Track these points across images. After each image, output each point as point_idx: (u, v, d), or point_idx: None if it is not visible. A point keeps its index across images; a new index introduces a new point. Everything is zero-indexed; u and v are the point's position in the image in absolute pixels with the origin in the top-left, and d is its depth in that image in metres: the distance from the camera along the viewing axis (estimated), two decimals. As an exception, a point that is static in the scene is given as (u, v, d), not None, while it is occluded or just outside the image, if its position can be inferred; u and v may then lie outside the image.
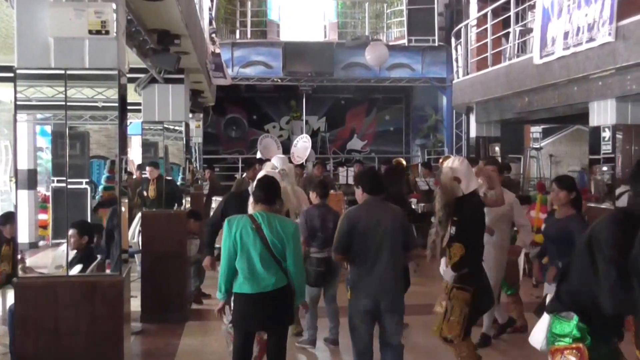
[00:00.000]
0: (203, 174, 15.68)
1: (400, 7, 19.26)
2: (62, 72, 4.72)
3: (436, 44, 18.28)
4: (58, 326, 4.76)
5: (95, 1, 4.68)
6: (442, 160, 6.81)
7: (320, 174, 12.72)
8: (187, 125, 8.88)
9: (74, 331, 4.77)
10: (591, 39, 8.98)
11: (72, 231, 5.10)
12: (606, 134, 9.94)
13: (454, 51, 16.45)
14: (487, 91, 13.40)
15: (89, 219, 5.20)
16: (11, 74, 4.73)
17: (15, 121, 5.04)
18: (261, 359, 5.61)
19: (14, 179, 14.11)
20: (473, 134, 15.60)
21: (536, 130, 20.03)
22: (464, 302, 5.86)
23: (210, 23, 12.35)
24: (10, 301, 6.65)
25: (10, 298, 6.99)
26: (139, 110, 8.84)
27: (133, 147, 15.41)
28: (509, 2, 12.57)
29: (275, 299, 4.98)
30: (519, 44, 13.31)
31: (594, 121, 10.30)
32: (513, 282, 7.87)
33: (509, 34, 13.38)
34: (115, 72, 4.77)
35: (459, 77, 15.65)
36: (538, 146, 19.61)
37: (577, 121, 16.49)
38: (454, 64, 16.47)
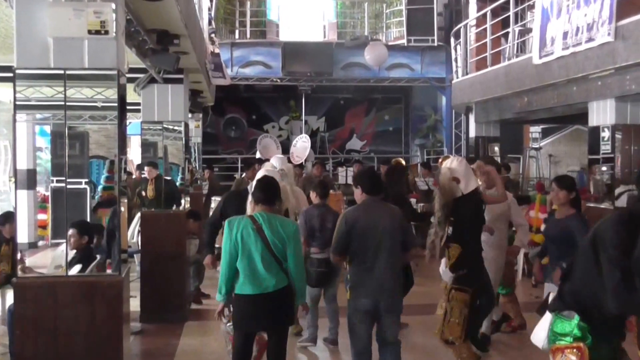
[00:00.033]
0: (202, 174, 15.67)
1: (399, 7, 19.26)
2: (62, 72, 4.71)
3: (435, 44, 18.28)
4: (57, 326, 4.75)
5: (95, 1, 4.68)
6: (441, 160, 6.83)
7: (320, 174, 12.71)
8: (186, 125, 8.88)
9: (74, 331, 4.77)
10: (590, 39, 8.99)
11: (72, 231, 5.09)
12: (605, 134, 9.94)
13: (453, 51, 16.47)
14: (486, 91, 13.40)
15: (88, 218, 5.17)
16: (10, 74, 4.72)
17: (15, 121, 5.03)
18: (260, 358, 5.61)
19: (13, 179, 14.11)
20: (472, 134, 15.62)
21: (535, 130, 20.04)
22: (463, 303, 5.86)
23: (210, 23, 12.35)
24: (9, 301, 6.65)
25: (9, 298, 6.99)
26: (138, 110, 8.84)
27: (132, 147, 15.41)
28: (508, 2, 12.57)
29: (276, 299, 4.97)
30: (518, 44, 13.32)
31: (593, 121, 10.31)
32: (509, 282, 7.87)
33: (508, 34, 13.38)
34: (115, 72, 4.76)
35: (458, 77, 15.66)
36: (537, 146, 19.63)
37: (577, 121, 16.51)
38: (453, 64, 16.48)
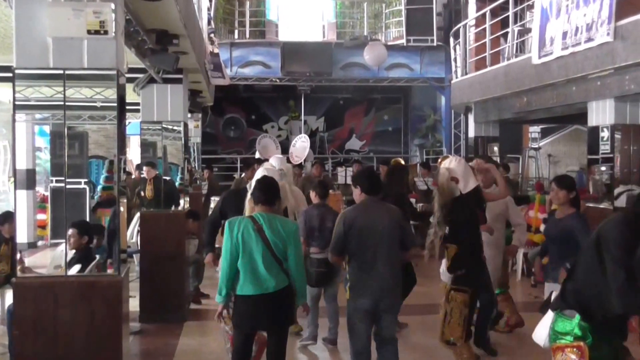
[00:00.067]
0: (201, 174, 15.67)
1: (398, 7, 19.27)
2: (61, 72, 4.71)
3: (435, 43, 18.30)
4: (57, 326, 4.75)
5: (94, 1, 4.67)
6: (440, 160, 6.84)
7: (319, 174, 12.70)
8: (185, 125, 8.88)
9: (73, 331, 4.77)
10: (590, 39, 8.99)
11: (72, 231, 5.08)
12: (605, 134, 9.95)
13: (452, 51, 16.47)
14: (485, 91, 13.40)
15: (87, 218, 5.16)
16: (10, 74, 4.72)
17: (14, 121, 5.03)
18: (260, 357, 5.61)
19: (12, 179, 14.12)
20: (471, 133, 15.62)
21: (535, 130, 20.04)
22: (462, 304, 5.86)
23: (209, 23, 12.35)
24: (9, 301, 6.65)
25: (9, 298, 6.99)
26: (137, 110, 8.84)
27: (132, 147, 15.41)
28: (507, 2, 12.57)
29: (276, 299, 4.97)
30: (517, 44, 13.32)
31: (592, 121, 10.31)
32: (503, 281, 7.88)
33: (507, 33, 13.38)
34: (114, 72, 4.76)
35: (457, 77, 15.66)
36: (536, 146, 19.62)
37: (576, 121, 16.51)
38: (453, 63, 16.48)
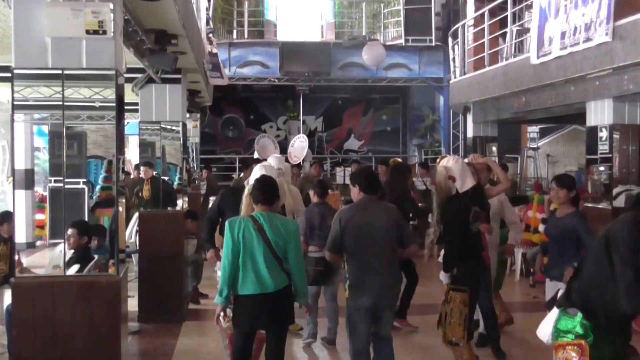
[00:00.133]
0: (200, 174, 15.67)
1: (397, 6, 19.28)
2: (60, 72, 4.71)
3: (433, 43, 18.31)
4: (55, 326, 4.74)
5: (93, 1, 4.67)
6: (439, 160, 6.86)
7: (318, 174, 12.69)
8: (184, 125, 8.88)
9: (72, 331, 4.76)
10: (588, 39, 9.00)
11: (72, 231, 5.08)
12: (603, 134, 9.96)
13: (451, 51, 16.47)
14: (484, 91, 13.41)
15: (86, 218, 5.16)
16: (8, 74, 4.72)
17: (13, 121, 5.03)
18: (259, 355, 5.61)
19: (11, 178, 14.10)
20: (470, 133, 15.63)
21: (533, 130, 20.04)
22: (462, 304, 5.84)
23: (208, 23, 12.34)
24: (7, 301, 6.64)
25: (7, 298, 6.98)
26: (136, 110, 8.83)
27: (130, 147, 15.40)
28: (506, 2, 12.57)
29: (276, 299, 4.97)
30: (516, 43, 13.32)
31: (591, 121, 10.32)
32: (498, 280, 7.88)
33: (506, 33, 13.38)
34: (113, 72, 4.76)
35: (456, 77, 15.66)
36: (535, 146, 19.62)
37: (574, 121, 16.50)
38: (451, 63, 16.49)
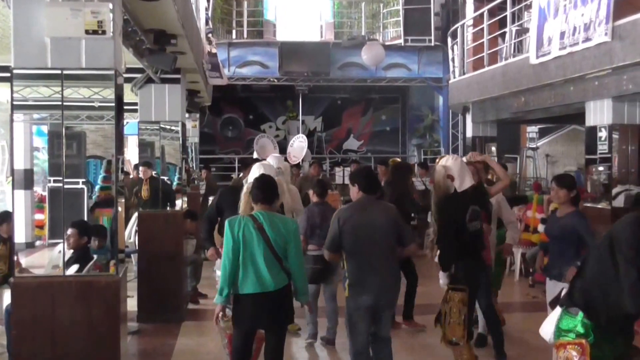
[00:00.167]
0: (199, 174, 15.67)
1: (396, 6, 19.28)
2: (59, 72, 4.72)
3: (432, 43, 18.32)
4: (54, 326, 4.75)
5: (92, 1, 4.68)
6: (438, 159, 6.87)
7: (317, 174, 12.69)
8: (183, 125, 8.88)
9: (71, 331, 4.77)
10: (587, 39, 9.00)
11: (72, 231, 5.08)
12: (602, 134, 9.96)
13: (450, 51, 16.46)
14: (483, 91, 13.41)
15: (85, 218, 5.16)
16: (8, 74, 4.72)
17: (12, 121, 5.03)
18: (257, 355, 5.61)
19: (10, 178, 14.09)
20: (469, 133, 15.63)
21: (532, 130, 20.06)
22: (461, 303, 5.84)
23: (207, 23, 12.34)
24: (7, 301, 6.64)
25: (7, 298, 6.98)
26: (135, 110, 8.83)
27: (130, 147, 15.40)
28: (505, 1, 12.57)
29: (276, 298, 4.98)
30: (515, 43, 13.32)
31: (590, 121, 10.32)
32: (497, 280, 7.90)
33: (505, 33, 13.39)
34: (112, 72, 4.76)
35: (455, 77, 15.66)
36: (534, 146, 19.63)
37: (574, 121, 16.51)
38: (450, 63, 16.48)
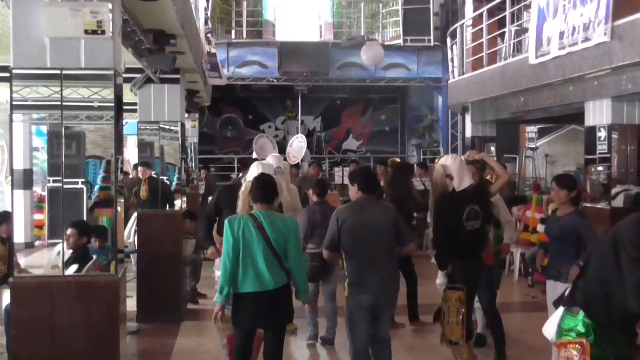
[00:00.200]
0: (198, 173, 15.68)
1: (395, 6, 19.28)
2: (58, 72, 4.72)
3: (432, 43, 18.31)
4: (54, 326, 4.75)
5: (91, 1, 4.68)
6: (437, 159, 6.90)
7: (317, 174, 12.69)
8: (182, 125, 8.89)
9: (70, 331, 4.77)
10: (587, 39, 9.00)
11: (72, 231, 5.08)
12: (602, 134, 9.96)
13: (449, 51, 16.46)
14: (482, 91, 13.41)
15: (84, 218, 5.16)
16: (7, 74, 4.72)
17: (11, 121, 5.03)
18: (257, 354, 5.61)
19: (9, 178, 14.09)
20: (468, 133, 15.62)
21: (532, 130, 20.07)
22: (459, 302, 5.84)
23: (206, 23, 12.34)
24: (6, 301, 6.64)
25: (6, 298, 6.97)
26: (134, 110, 8.83)
27: (129, 147, 15.39)
28: (504, 2, 12.58)
29: (275, 297, 4.99)
30: (514, 43, 13.33)
31: (589, 121, 10.32)
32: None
33: (504, 33, 13.39)
34: (111, 72, 4.76)
35: (454, 77, 15.66)
36: (533, 146, 19.65)
37: (573, 121, 16.52)
38: (450, 63, 16.47)
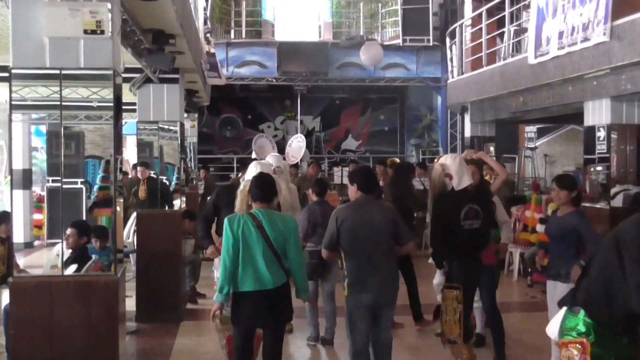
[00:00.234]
0: (198, 173, 15.67)
1: (394, 6, 19.29)
2: (57, 71, 4.72)
3: (431, 43, 18.32)
4: (53, 326, 4.75)
5: (90, 1, 4.68)
6: (437, 159, 6.93)
7: (316, 174, 12.70)
8: (182, 125, 8.88)
9: (70, 331, 4.77)
10: (586, 39, 9.01)
11: (71, 230, 5.09)
12: (601, 134, 9.96)
13: (448, 51, 16.46)
14: (481, 91, 13.41)
15: (84, 218, 5.17)
16: (6, 74, 4.73)
17: (10, 121, 5.03)
18: (256, 354, 5.61)
19: (9, 178, 14.09)
20: (468, 133, 15.61)
21: (531, 130, 20.09)
22: (455, 301, 5.85)
23: (205, 23, 12.34)
24: (5, 301, 6.64)
25: (5, 298, 6.97)
26: (134, 110, 8.84)
27: (128, 146, 15.40)
28: (503, 1, 12.58)
29: (275, 296, 4.99)
30: (513, 43, 13.33)
31: (588, 121, 10.32)
32: None
33: (503, 33, 13.39)
34: (111, 71, 4.77)
35: (453, 77, 15.66)
36: (533, 146, 19.66)
37: (572, 121, 16.53)
38: (449, 63, 16.48)
